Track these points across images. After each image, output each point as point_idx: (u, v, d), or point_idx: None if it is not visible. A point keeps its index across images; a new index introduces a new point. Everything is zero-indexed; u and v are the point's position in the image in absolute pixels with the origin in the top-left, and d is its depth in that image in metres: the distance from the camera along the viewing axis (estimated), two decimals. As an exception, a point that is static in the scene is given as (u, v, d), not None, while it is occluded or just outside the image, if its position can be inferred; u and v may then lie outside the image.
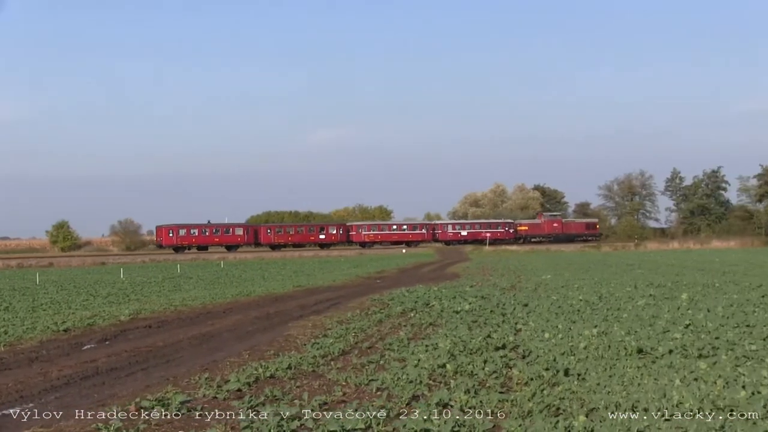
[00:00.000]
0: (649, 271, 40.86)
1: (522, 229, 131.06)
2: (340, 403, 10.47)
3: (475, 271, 50.34)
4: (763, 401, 9.06)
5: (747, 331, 15.62)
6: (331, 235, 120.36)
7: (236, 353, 15.41)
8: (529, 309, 21.34)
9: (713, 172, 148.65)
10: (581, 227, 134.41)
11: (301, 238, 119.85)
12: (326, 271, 54.43)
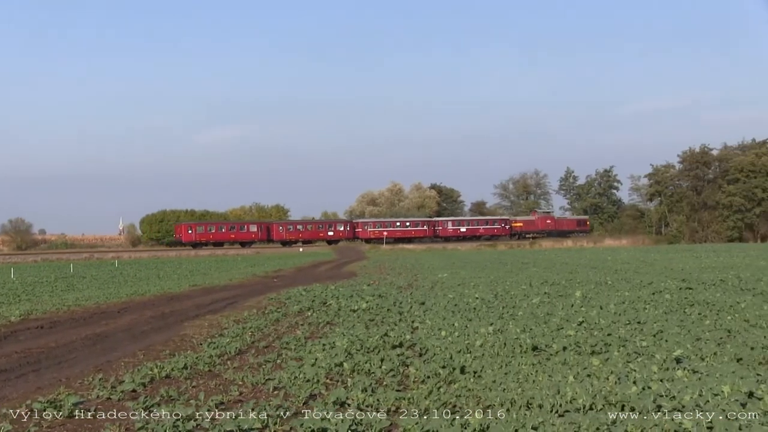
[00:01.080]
0: (543, 270, 41.45)
1: (517, 225, 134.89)
2: (236, 402, 10.33)
3: (373, 270, 50.45)
4: (653, 396, 9.23)
5: (638, 327, 15.95)
6: (339, 232, 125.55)
7: (131, 353, 15.12)
8: (425, 307, 21.43)
9: (606, 171, 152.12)
10: (573, 224, 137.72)
11: (311, 234, 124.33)
12: (223, 270, 53.93)
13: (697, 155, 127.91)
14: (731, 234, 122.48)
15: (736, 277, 30.40)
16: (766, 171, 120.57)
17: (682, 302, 21.00)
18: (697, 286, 26.51)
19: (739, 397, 9.09)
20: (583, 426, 8.28)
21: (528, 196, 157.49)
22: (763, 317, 17.42)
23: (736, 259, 48.72)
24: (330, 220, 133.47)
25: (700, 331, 15.24)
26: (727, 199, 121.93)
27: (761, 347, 13.20)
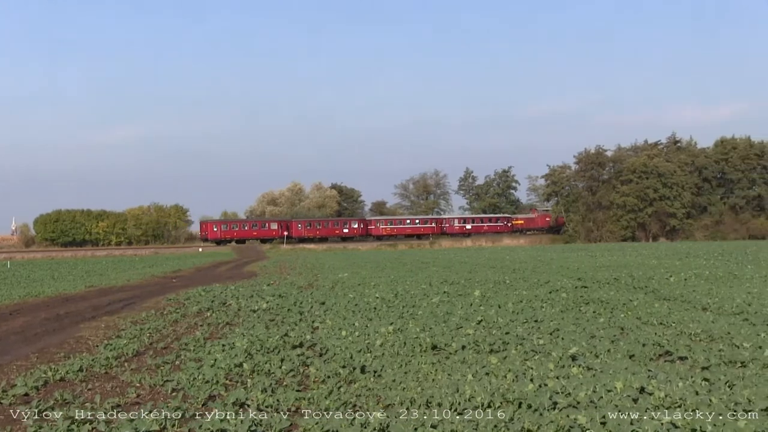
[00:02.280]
0: (443, 269, 41.74)
1: (518, 223, 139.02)
2: (134, 404, 10.18)
3: (273, 270, 50.22)
4: (549, 393, 9.40)
5: (535, 326, 16.21)
6: (353, 229, 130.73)
7: (24, 356, 14.75)
8: (326, 307, 21.42)
9: (504, 172, 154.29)
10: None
11: (327, 231, 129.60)
12: (120, 270, 52.97)
13: (592, 156, 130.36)
14: (625, 233, 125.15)
15: (629, 275, 31.11)
16: (658, 172, 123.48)
17: (578, 300, 21.41)
18: (592, 285, 27.07)
19: (632, 393, 9.33)
20: (482, 424, 8.38)
21: (428, 196, 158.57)
22: (655, 315, 17.89)
23: (629, 258, 49.83)
24: (345, 219, 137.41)
25: (594, 329, 15.58)
26: (620, 199, 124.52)
27: (652, 344, 13.57)
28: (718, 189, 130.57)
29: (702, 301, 20.69)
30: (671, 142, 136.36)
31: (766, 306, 18.98)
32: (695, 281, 27.74)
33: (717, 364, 11.73)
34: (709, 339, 14.38)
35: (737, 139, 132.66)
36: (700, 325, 15.87)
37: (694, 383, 10.02)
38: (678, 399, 9.01)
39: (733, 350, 12.86)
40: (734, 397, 8.99)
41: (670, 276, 30.12)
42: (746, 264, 38.22)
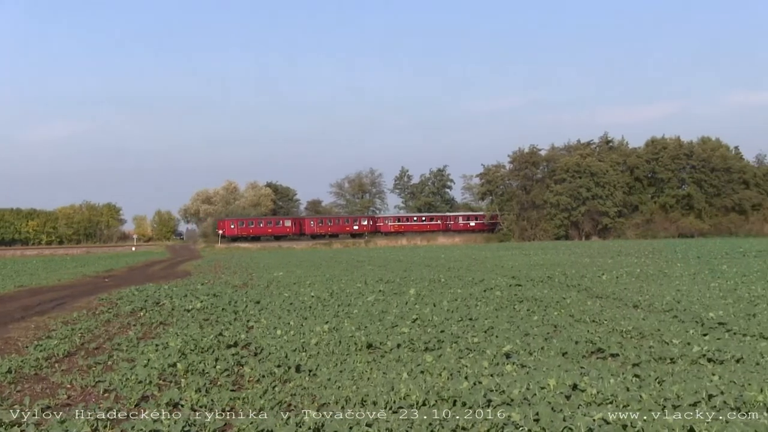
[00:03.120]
0: (378, 268, 41.83)
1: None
2: (64, 406, 10.04)
3: (207, 269, 49.89)
4: (483, 391, 9.47)
5: (470, 324, 16.31)
6: (362, 226, 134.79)
7: (-50, 358, 14.45)
8: (261, 306, 21.33)
9: (439, 170, 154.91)
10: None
11: (339, 228, 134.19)
12: (51, 270, 52.14)
13: (526, 156, 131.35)
14: (558, 232, 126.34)
15: (562, 274, 31.47)
16: (591, 171, 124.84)
17: (512, 299, 21.60)
18: (526, 283, 27.32)
19: (564, 390, 9.44)
20: (417, 422, 8.41)
21: (363, 194, 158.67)
22: (587, 312, 18.12)
23: (563, 257, 50.42)
24: (355, 216, 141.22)
25: (528, 327, 15.73)
26: (554, 198, 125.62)
27: (585, 341, 13.74)
28: (649, 188, 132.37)
29: (633, 298, 21.00)
30: (603, 142, 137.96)
31: (694, 303, 19.31)
32: (627, 279, 28.14)
33: (647, 361, 11.92)
34: (640, 336, 14.60)
35: (667, 139, 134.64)
36: (631, 323, 16.11)
37: (625, 380, 10.17)
38: (609, 395, 9.13)
39: (662, 347, 13.08)
40: (664, 393, 9.13)
41: (602, 274, 30.52)
42: (676, 262, 38.89)
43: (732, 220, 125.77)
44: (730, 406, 8.59)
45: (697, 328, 15.40)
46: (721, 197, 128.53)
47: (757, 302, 19.55)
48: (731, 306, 18.79)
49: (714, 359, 11.89)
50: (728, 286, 23.92)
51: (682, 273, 30.43)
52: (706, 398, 8.86)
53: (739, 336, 14.37)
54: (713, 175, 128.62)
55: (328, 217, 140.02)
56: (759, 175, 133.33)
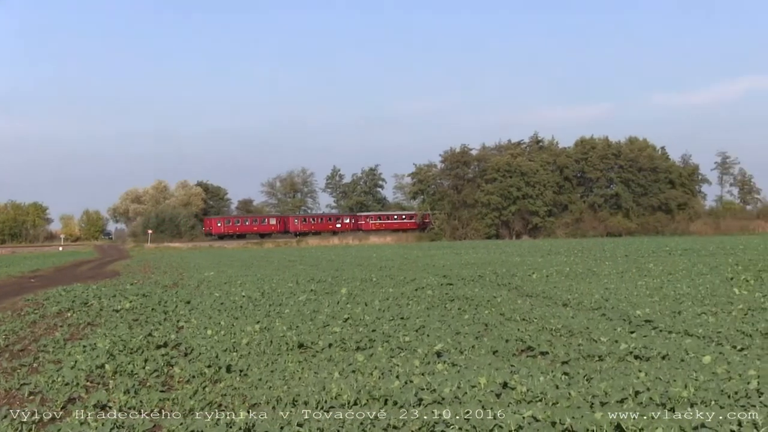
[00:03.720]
0: (310, 267, 41.74)
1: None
2: (-12, 409, 9.83)
3: (137, 269, 49.33)
4: (414, 390, 9.50)
5: (401, 323, 16.34)
6: (345, 224, 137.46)
7: None
8: (191, 306, 21.17)
9: (371, 170, 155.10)
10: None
11: (322, 226, 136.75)
12: (-25, 270, 51.08)
13: (458, 155, 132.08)
14: (489, 231, 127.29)
15: (493, 272, 31.69)
16: (521, 171, 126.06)
17: (443, 298, 21.70)
18: (457, 282, 27.48)
19: (495, 388, 9.51)
20: (348, 421, 8.41)
21: (295, 194, 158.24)
22: (517, 311, 18.27)
23: (493, 256, 50.77)
24: (337, 214, 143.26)
25: (459, 326, 15.81)
26: (485, 197, 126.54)
27: (515, 339, 13.86)
28: (579, 188, 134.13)
29: (563, 297, 21.24)
30: (534, 142, 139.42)
31: (622, 301, 19.60)
32: (556, 278, 28.44)
33: (576, 359, 12.06)
34: (569, 334, 14.77)
35: (596, 139, 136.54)
36: (560, 321, 16.28)
37: (554, 377, 10.27)
38: (539, 393, 9.22)
39: (591, 345, 13.24)
40: (592, 390, 9.25)
41: (532, 273, 30.81)
42: (604, 261, 39.40)
43: (658, 219, 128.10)
44: (656, 402, 8.74)
45: (624, 325, 15.62)
46: (648, 197, 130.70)
47: (683, 300, 19.89)
48: (657, 304, 19.10)
49: (641, 356, 12.08)
50: (655, 284, 24.30)
51: (610, 271, 30.85)
52: (633, 395, 8.99)
53: (664, 333, 14.61)
54: (640, 174, 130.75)
55: (311, 215, 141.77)
56: (684, 175, 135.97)
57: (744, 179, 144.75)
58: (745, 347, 12.89)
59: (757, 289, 22.17)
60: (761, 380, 9.53)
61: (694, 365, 11.06)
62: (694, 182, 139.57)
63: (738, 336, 14.00)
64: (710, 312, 17.41)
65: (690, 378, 9.82)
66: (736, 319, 16.22)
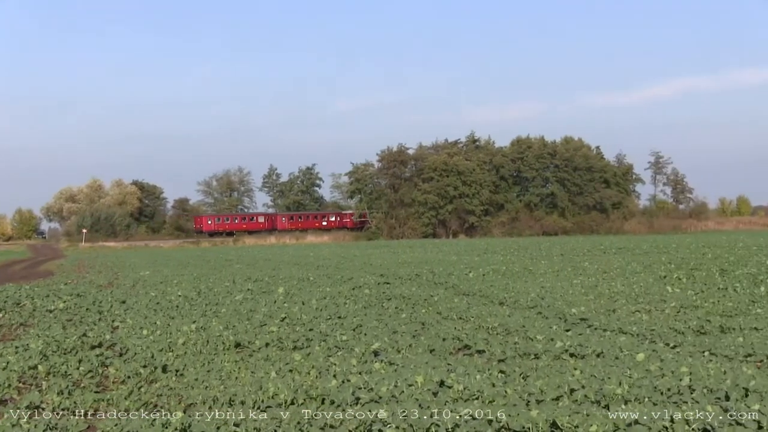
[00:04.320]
0: (247, 266, 41.55)
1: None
2: None
3: (71, 269, 48.65)
4: (352, 389, 9.51)
5: (338, 322, 16.36)
6: (331, 222, 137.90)
7: None
8: (127, 306, 20.96)
9: (308, 169, 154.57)
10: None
11: (309, 224, 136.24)
12: None
13: (395, 154, 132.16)
14: (426, 230, 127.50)
15: (430, 271, 31.83)
16: (458, 170, 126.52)
17: (381, 297, 21.75)
18: (395, 281, 27.56)
19: (432, 387, 9.55)
20: (285, 421, 8.39)
21: (231, 193, 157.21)
22: (454, 310, 18.38)
23: (430, 255, 50.99)
24: (323, 212, 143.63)
25: (396, 324, 15.87)
26: (422, 196, 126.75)
27: (452, 338, 13.94)
28: (515, 187, 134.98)
29: (499, 295, 21.40)
30: (470, 141, 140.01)
31: (557, 300, 19.82)
32: (493, 277, 28.65)
33: (512, 357, 12.17)
34: (506, 332, 14.89)
35: (532, 138, 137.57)
36: (497, 319, 16.42)
37: (491, 375, 10.35)
38: (476, 391, 9.28)
39: (527, 343, 13.37)
40: (528, 388, 9.34)
41: (469, 272, 31.00)
42: (540, 260, 39.78)
43: (593, 218, 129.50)
44: (590, 399, 8.85)
45: (560, 324, 15.81)
46: (583, 196, 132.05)
47: (617, 298, 20.18)
48: (592, 302, 19.36)
49: (576, 354, 12.22)
50: (590, 283, 24.61)
51: (546, 270, 31.15)
52: (568, 392, 9.10)
53: (599, 331, 14.81)
54: (576, 174, 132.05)
55: (298, 213, 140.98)
56: (619, 175, 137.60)
57: (677, 179, 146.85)
58: (678, 344, 13.13)
59: (689, 287, 22.57)
60: (693, 377, 9.71)
61: (628, 363, 11.23)
62: (629, 182, 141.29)
63: (671, 333, 14.25)
64: (644, 310, 17.71)
65: (624, 375, 9.97)
66: (669, 317, 16.52)
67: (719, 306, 18.12)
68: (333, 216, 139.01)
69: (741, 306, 18.11)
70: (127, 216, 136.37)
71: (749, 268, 28.52)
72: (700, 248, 47.23)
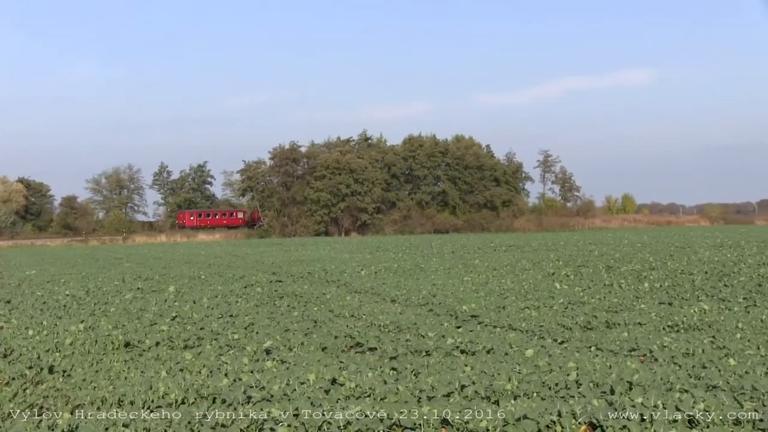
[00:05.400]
0: (137, 265, 40.93)
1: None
2: None
3: (-49, 267, 47.20)
4: (243, 387, 9.47)
5: (230, 321, 16.28)
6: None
7: None
8: (11, 306, 20.49)
9: (199, 166, 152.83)
10: None
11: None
12: None
13: (287, 152, 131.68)
14: (318, 228, 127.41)
15: (322, 269, 31.85)
16: (350, 168, 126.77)
17: (273, 295, 21.70)
18: (287, 279, 27.51)
19: (324, 384, 9.57)
20: (175, 421, 8.31)
21: (121, 190, 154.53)
22: (347, 307, 18.45)
23: (323, 252, 50.99)
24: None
25: (288, 323, 15.86)
26: (314, 194, 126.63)
27: (344, 336, 14.00)
28: (406, 185, 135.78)
29: (391, 293, 21.55)
30: (362, 139, 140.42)
31: (449, 297, 20.05)
32: (385, 274, 28.83)
33: (404, 354, 12.28)
34: (397, 330, 15.01)
35: (423, 137, 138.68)
36: (389, 317, 16.54)
37: (382, 373, 10.43)
38: (368, 389, 9.33)
39: (418, 340, 13.50)
40: (419, 385, 9.43)
41: (361, 269, 31.12)
42: (431, 257, 40.12)
43: (484, 216, 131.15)
44: (481, 395, 8.99)
45: (451, 321, 16.01)
46: (474, 194, 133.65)
47: (507, 295, 20.52)
48: (483, 299, 19.63)
49: (467, 351, 12.40)
50: (480, 280, 24.96)
51: (437, 268, 31.45)
52: (458, 388, 9.22)
53: (489, 328, 15.05)
54: (467, 172, 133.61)
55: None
56: (509, 173, 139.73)
57: (564, 177, 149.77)
58: (566, 340, 13.44)
59: (576, 283, 23.09)
60: (580, 372, 9.95)
61: (517, 358, 11.44)
62: (518, 180, 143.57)
63: (559, 329, 14.57)
64: (533, 306, 18.04)
65: (513, 371, 10.15)
66: (557, 313, 16.88)
67: (605, 302, 18.59)
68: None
69: (626, 302, 18.63)
70: (12, 214, 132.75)
71: (634, 264, 29.30)
72: (587, 245, 48.29)
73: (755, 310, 16.58)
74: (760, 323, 14.81)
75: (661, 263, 29.47)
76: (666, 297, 19.34)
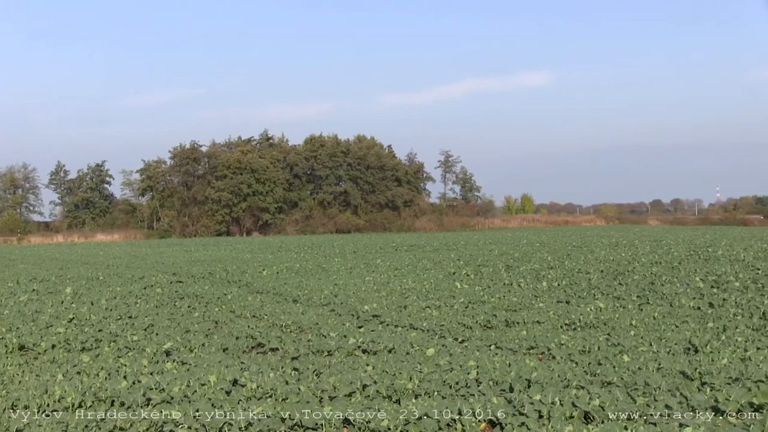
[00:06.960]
0: (32, 266, 40.01)
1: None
2: None
3: None
4: (143, 390, 9.35)
5: (129, 322, 16.05)
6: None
7: None
8: None
9: (98, 166, 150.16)
10: None
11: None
12: None
13: (188, 151, 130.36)
14: (219, 228, 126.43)
15: (223, 270, 31.60)
16: (252, 168, 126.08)
17: (173, 296, 21.45)
18: (187, 279, 27.21)
19: (225, 386, 9.50)
20: (72, 424, 8.16)
21: (16, 190, 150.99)
22: (248, 308, 18.35)
23: (224, 252, 50.60)
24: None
25: (189, 324, 15.71)
26: (215, 194, 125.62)
27: (246, 336, 13.92)
28: (308, 185, 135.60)
29: (293, 293, 21.50)
30: (264, 139, 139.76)
31: (350, 297, 20.08)
32: (287, 274, 28.74)
33: (306, 354, 12.27)
34: (299, 330, 14.99)
35: (325, 137, 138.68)
36: (291, 317, 16.50)
37: (284, 373, 10.41)
38: (269, 389, 9.30)
39: (320, 340, 13.50)
40: (321, 385, 9.44)
41: (263, 270, 30.96)
42: (333, 257, 40.13)
43: (386, 215, 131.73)
44: (382, 394, 9.03)
45: (353, 320, 16.05)
46: (375, 194, 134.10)
47: (408, 294, 20.65)
48: (385, 299, 19.73)
49: (368, 350, 12.44)
50: (382, 280, 25.06)
51: (339, 268, 31.49)
52: (360, 388, 9.25)
53: (391, 327, 15.13)
54: (368, 172, 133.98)
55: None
56: (410, 173, 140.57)
57: (465, 177, 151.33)
58: (466, 339, 13.58)
59: (477, 282, 23.36)
60: (480, 370, 10.07)
61: (418, 358, 11.52)
62: (420, 180, 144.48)
63: (459, 328, 14.72)
64: (434, 306, 18.19)
65: (415, 370, 10.22)
66: (458, 313, 17.04)
67: (505, 301, 18.85)
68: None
69: (525, 300, 18.91)
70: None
71: (532, 264, 29.77)
72: (488, 245, 48.88)
73: (648, 308, 17.01)
74: (653, 320, 15.21)
75: (558, 262, 30.01)
76: (563, 296, 19.70)
